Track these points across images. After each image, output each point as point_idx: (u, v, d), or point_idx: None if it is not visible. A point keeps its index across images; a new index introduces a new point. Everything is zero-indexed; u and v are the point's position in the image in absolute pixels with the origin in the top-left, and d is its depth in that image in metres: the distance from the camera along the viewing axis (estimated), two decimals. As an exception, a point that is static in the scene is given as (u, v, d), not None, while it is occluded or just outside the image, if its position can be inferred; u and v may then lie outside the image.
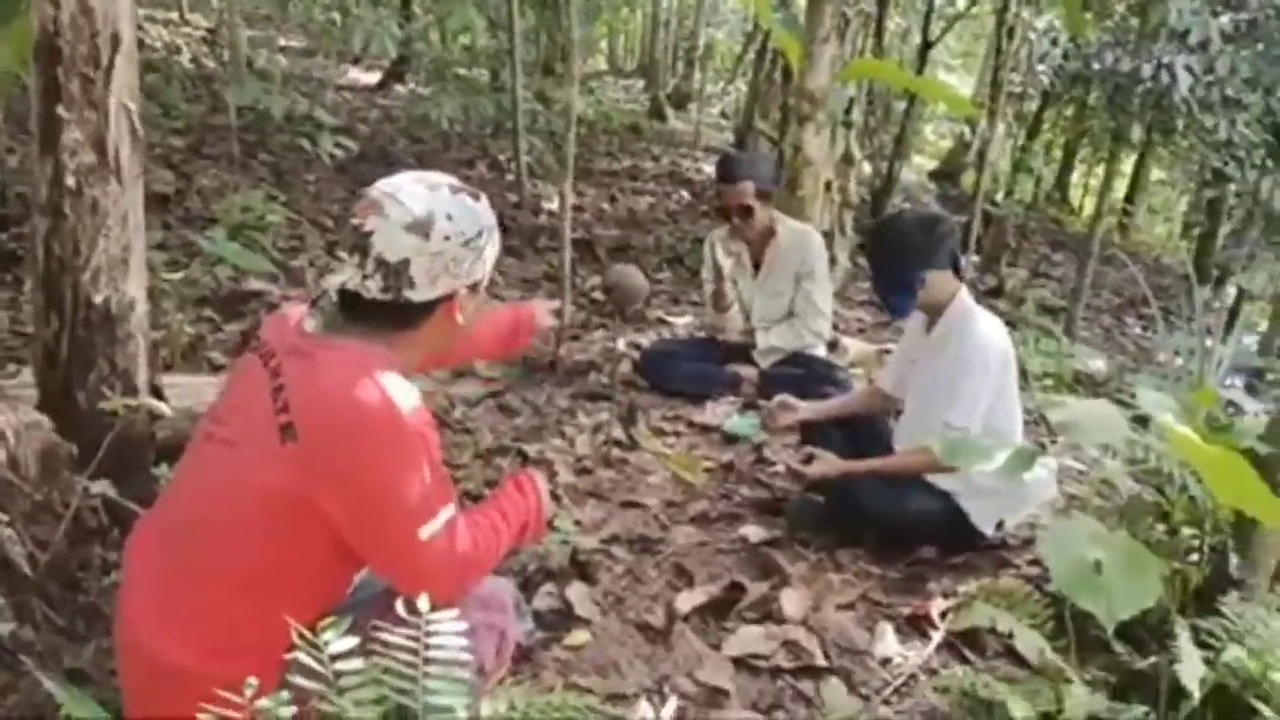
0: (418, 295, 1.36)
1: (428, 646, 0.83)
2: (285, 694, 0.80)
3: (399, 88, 9.43)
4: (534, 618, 2.11)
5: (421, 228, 1.33)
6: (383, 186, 1.40)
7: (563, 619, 2.15)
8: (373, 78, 10.14)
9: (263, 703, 0.79)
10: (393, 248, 1.33)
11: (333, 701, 0.78)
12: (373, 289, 1.35)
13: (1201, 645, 1.74)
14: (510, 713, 0.82)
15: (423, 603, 0.90)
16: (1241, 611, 1.78)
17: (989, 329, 2.37)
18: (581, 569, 2.32)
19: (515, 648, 1.95)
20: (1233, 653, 1.67)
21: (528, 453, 2.91)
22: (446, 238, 1.35)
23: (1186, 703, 1.62)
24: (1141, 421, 2.28)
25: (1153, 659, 1.74)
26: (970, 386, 2.30)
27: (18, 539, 1.75)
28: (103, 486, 1.94)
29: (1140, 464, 2.23)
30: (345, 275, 1.37)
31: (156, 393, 2.18)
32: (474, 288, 1.47)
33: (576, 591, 2.22)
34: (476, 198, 1.44)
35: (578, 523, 2.51)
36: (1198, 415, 2.21)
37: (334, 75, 10.09)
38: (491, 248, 1.45)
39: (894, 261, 2.43)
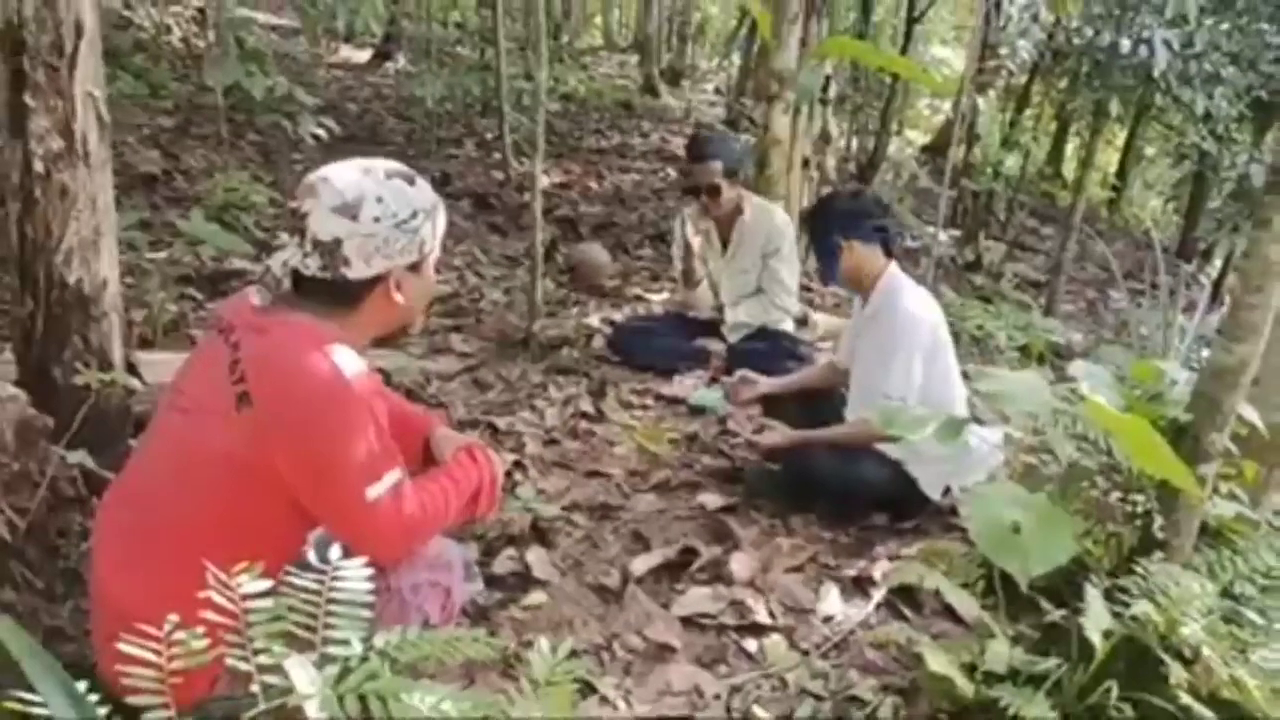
0: (353, 273, 1.45)
1: (331, 589, 0.93)
2: (200, 629, 0.90)
3: (389, 65, 9.45)
4: (493, 580, 2.22)
5: (350, 210, 1.42)
6: (322, 172, 1.48)
7: (521, 581, 2.25)
8: (364, 55, 10.16)
9: (179, 635, 0.89)
10: (325, 228, 1.42)
11: (240, 634, 0.88)
12: (311, 266, 1.44)
13: (1118, 602, 1.84)
14: (400, 642, 0.91)
15: (334, 552, 1.00)
16: (1155, 569, 1.88)
17: (915, 303, 2.48)
18: (542, 534, 2.43)
19: (473, 606, 2.07)
20: (1140, 607, 1.76)
21: (498, 425, 3.01)
22: (376, 219, 1.43)
23: (1096, 654, 1.73)
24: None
25: (1063, 613, 1.84)
26: (901, 358, 2.41)
27: (-3, 506, 1.85)
28: (79, 457, 2.04)
29: (1075, 432, 2.32)
30: (287, 254, 1.46)
31: (131, 369, 2.28)
32: (414, 268, 1.55)
33: (535, 555, 2.33)
34: (411, 181, 1.52)
35: (541, 491, 2.62)
36: (1133, 386, 2.31)
37: (325, 54, 10.12)
38: (428, 229, 1.52)
39: (818, 227, 2.62)
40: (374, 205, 1.43)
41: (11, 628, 0.86)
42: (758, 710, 1.86)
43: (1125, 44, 5.53)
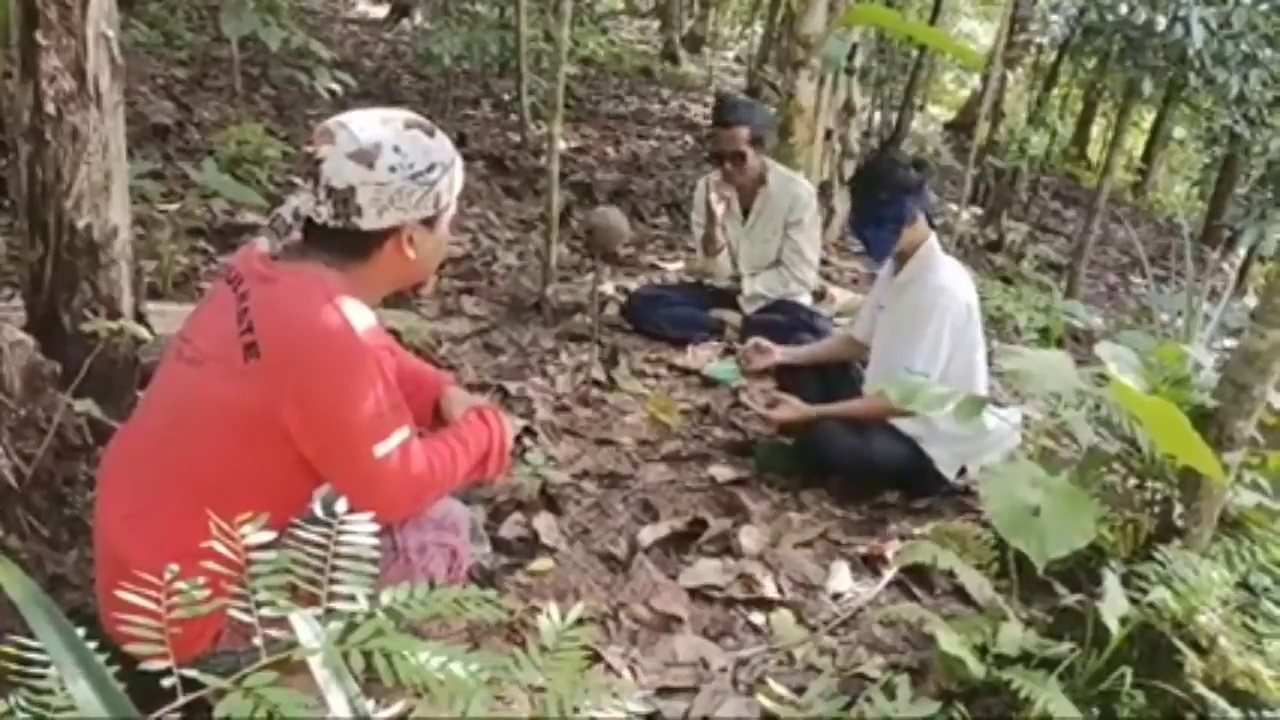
0: (366, 224, 1.41)
1: (337, 543, 0.90)
2: (201, 579, 0.87)
3: (406, 21, 9.33)
4: (500, 545, 2.20)
5: (366, 157, 1.37)
6: (340, 117, 1.44)
7: (528, 547, 2.23)
8: (381, 10, 10.03)
9: (180, 585, 0.86)
10: (339, 175, 1.37)
11: (244, 585, 0.86)
12: (324, 214, 1.40)
13: (1134, 589, 1.80)
14: (406, 599, 0.89)
15: (340, 506, 0.97)
16: (1174, 557, 1.84)
17: (952, 276, 2.41)
18: (550, 501, 2.40)
19: (478, 570, 2.05)
20: (1158, 594, 1.73)
21: (508, 389, 2.98)
22: (392, 169, 1.39)
23: (1111, 640, 1.70)
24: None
25: (1079, 597, 1.81)
26: (931, 332, 2.35)
27: (3, 451, 1.83)
28: (86, 405, 2.02)
29: (1097, 415, 2.28)
30: (300, 200, 1.42)
31: (140, 319, 2.25)
32: (429, 223, 1.50)
33: (544, 522, 2.31)
34: (431, 134, 1.47)
35: (551, 458, 2.59)
36: (1159, 370, 2.25)
37: (342, 8, 10.01)
38: (445, 184, 1.48)
39: (884, 200, 2.41)
40: (391, 154, 1.39)
41: (13, 572, 0.84)
42: (771, 683, 1.83)
43: (1161, 22, 5.40)
